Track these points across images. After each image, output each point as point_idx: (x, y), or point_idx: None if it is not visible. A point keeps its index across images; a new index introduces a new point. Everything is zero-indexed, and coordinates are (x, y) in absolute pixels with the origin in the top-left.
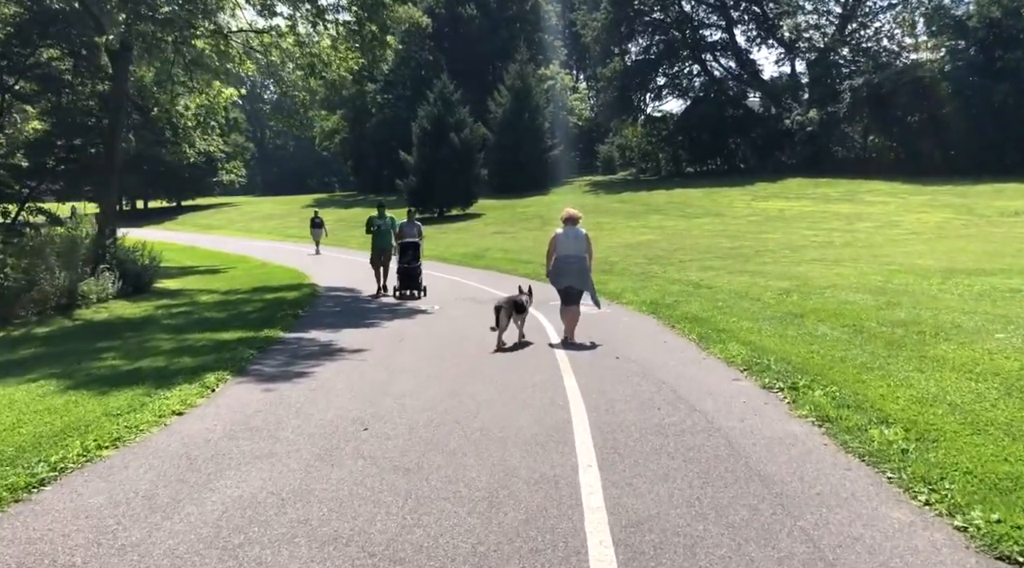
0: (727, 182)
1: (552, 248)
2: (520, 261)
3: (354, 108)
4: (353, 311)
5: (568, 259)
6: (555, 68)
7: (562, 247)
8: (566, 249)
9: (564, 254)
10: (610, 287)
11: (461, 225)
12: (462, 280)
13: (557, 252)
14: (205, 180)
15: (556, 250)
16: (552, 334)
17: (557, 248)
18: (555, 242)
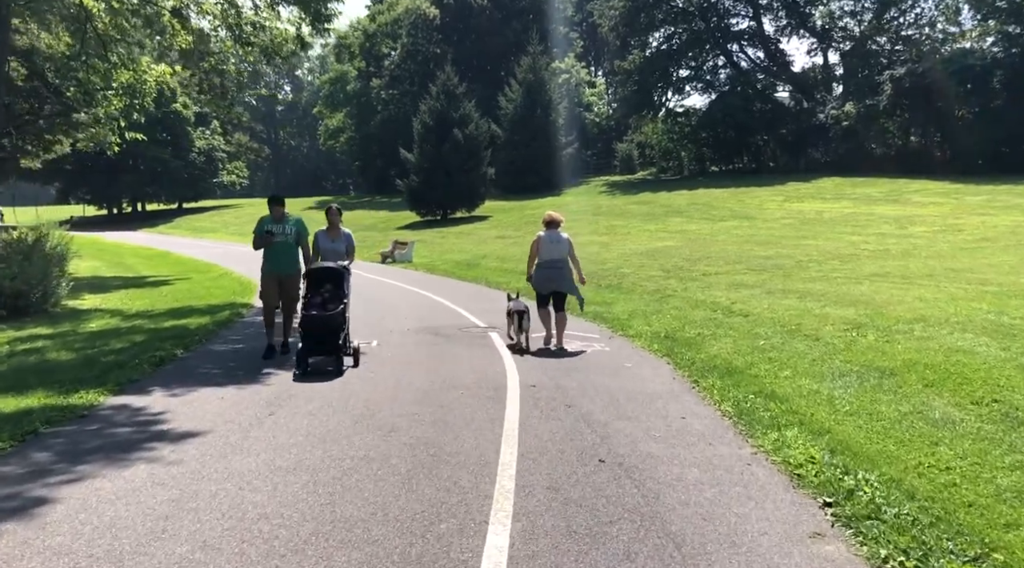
0: (755, 182)
1: (534, 252)
2: (516, 272)
3: (359, 105)
4: (255, 351)
5: (552, 263)
6: (570, 61)
7: (545, 251)
8: (549, 253)
9: (547, 259)
10: (615, 310)
11: (463, 228)
12: (438, 298)
13: (540, 256)
14: (205, 181)
15: (539, 254)
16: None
17: (540, 252)
18: (537, 246)
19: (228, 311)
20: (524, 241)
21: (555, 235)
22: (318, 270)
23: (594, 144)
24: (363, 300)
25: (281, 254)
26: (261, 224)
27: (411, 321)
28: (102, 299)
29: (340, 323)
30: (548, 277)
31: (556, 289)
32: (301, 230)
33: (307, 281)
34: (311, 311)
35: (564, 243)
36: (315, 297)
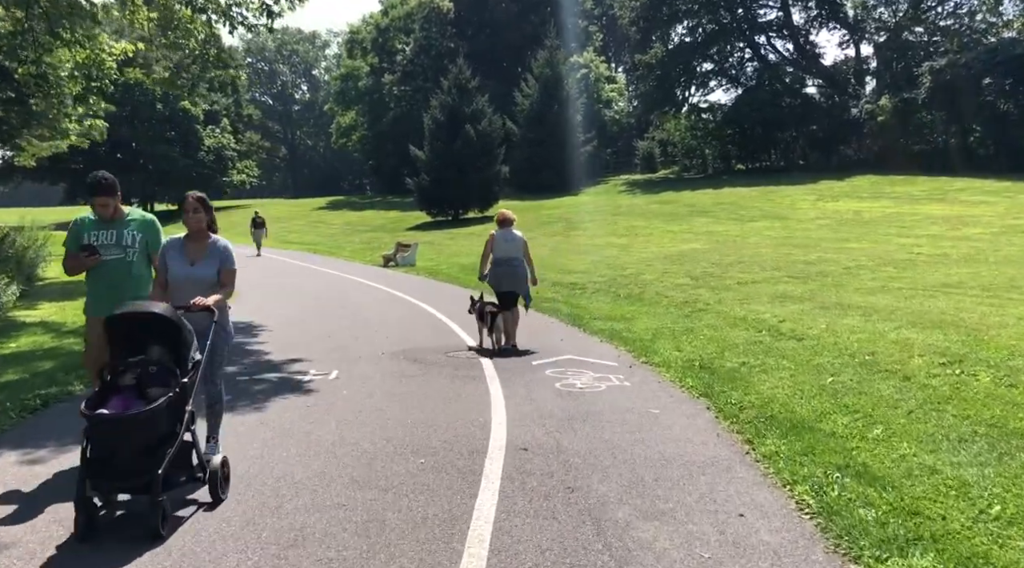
0: (785, 180)
1: (488, 250)
2: None
3: (371, 102)
4: None
5: (506, 261)
6: (589, 56)
7: (498, 249)
8: (502, 252)
9: (501, 257)
10: (637, 327)
11: (475, 229)
12: (431, 310)
13: (494, 255)
14: (215, 180)
15: (492, 252)
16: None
17: (494, 251)
18: (491, 244)
19: None
20: (536, 244)
21: (508, 233)
22: (128, 318)
23: (613, 142)
24: (342, 314)
25: (115, 282)
26: (76, 231)
27: (390, 342)
28: (57, 308)
29: (164, 433)
30: (502, 275)
31: (510, 288)
32: (151, 238)
33: (109, 338)
34: (101, 408)
35: (518, 241)
36: (123, 375)
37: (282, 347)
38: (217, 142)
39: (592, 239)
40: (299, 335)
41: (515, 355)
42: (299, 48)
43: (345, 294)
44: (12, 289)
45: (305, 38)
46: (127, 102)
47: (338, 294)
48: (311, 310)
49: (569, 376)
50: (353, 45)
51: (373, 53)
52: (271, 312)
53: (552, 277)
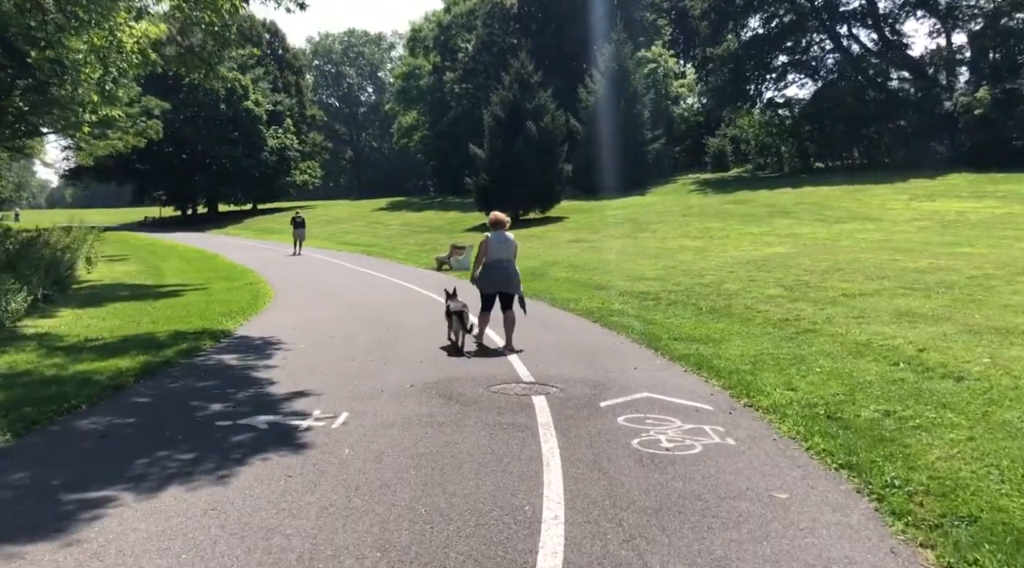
0: (870, 178)
1: (482, 253)
2: (590, 286)
3: (432, 101)
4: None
5: (499, 264)
6: (658, 50)
7: (493, 251)
8: (496, 253)
9: (495, 259)
10: (729, 352)
11: (535, 231)
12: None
13: (488, 257)
14: (277, 181)
15: (487, 255)
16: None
17: (488, 253)
18: (485, 247)
19: (185, 344)
20: (601, 246)
21: (502, 236)
22: None
23: (682, 139)
24: (378, 328)
25: None
26: None
27: (425, 368)
28: (73, 317)
29: None
30: (496, 278)
31: (501, 289)
32: None
33: None
34: None
35: (511, 244)
36: None
37: (293, 373)
38: (280, 142)
39: (663, 242)
40: (319, 356)
41: (569, 395)
42: (365, 50)
43: (388, 302)
44: (21, 297)
45: (371, 40)
46: (191, 102)
47: (380, 302)
48: (344, 322)
49: (650, 427)
50: (415, 43)
51: (435, 51)
52: (299, 324)
53: (619, 285)
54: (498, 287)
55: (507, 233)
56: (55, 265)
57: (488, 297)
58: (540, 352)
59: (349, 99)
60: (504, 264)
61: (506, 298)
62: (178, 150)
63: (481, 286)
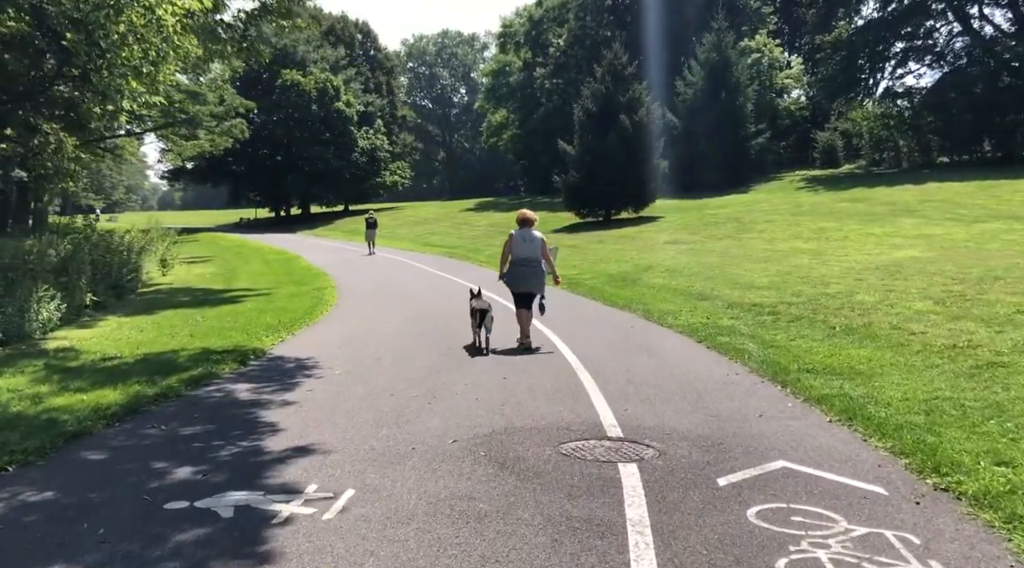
0: (1007, 173)
1: (507, 251)
2: (690, 294)
3: (522, 97)
4: (26, 532)
5: (524, 262)
6: (762, 39)
7: (517, 249)
8: (521, 252)
9: (520, 257)
10: (888, 394)
11: (627, 232)
12: (559, 343)
13: (512, 255)
14: (367, 182)
15: (511, 253)
16: None
17: (512, 251)
18: (510, 245)
19: (202, 369)
20: (702, 248)
21: (528, 233)
22: None
23: (787, 134)
24: (433, 349)
25: None
26: None
27: (479, 406)
28: (113, 327)
29: None
30: (520, 275)
31: (528, 289)
32: None
33: None
34: None
35: (536, 242)
36: None
37: (308, 416)
38: (370, 143)
39: (772, 243)
40: (352, 388)
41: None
42: (458, 51)
43: (457, 312)
44: (54, 305)
45: (464, 40)
46: (284, 104)
47: (449, 311)
48: (400, 338)
49: (800, 532)
50: (506, 39)
51: (526, 47)
52: (349, 338)
53: (726, 294)
54: (525, 285)
55: (534, 231)
56: (113, 269)
57: (518, 296)
58: (632, 385)
59: (442, 100)
60: (530, 262)
61: (530, 297)
62: (271, 152)
63: (508, 284)
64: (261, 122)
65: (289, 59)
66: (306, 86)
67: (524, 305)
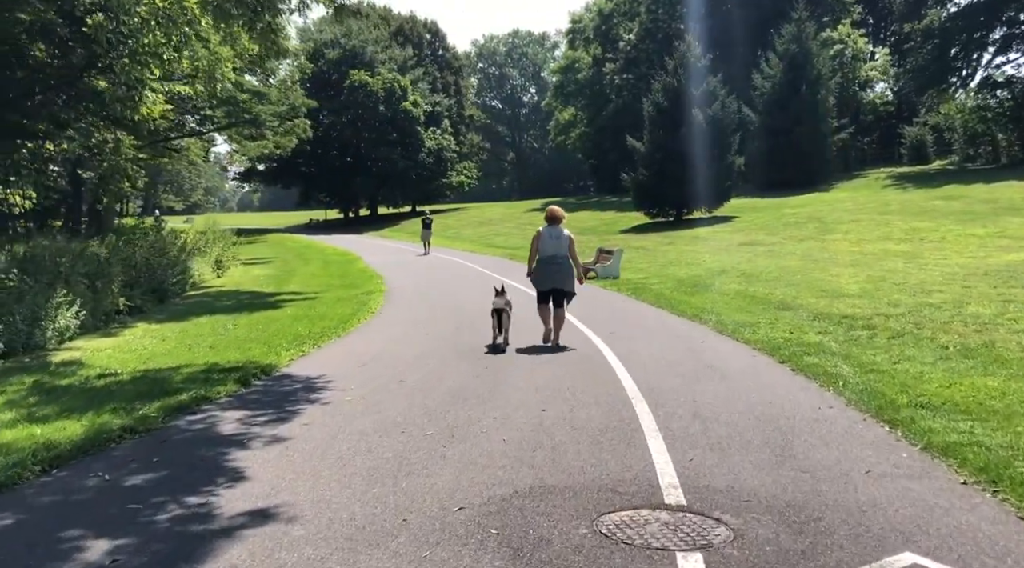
0: None
1: (535, 249)
2: (769, 303)
3: (591, 94)
4: None
5: (552, 260)
6: (845, 29)
7: (544, 247)
8: (548, 249)
9: (547, 255)
10: None
11: (699, 232)
12: (615, 366)
13: (540, 253)
14: (434, 182)
15: (539, 251)
16: None
17: (540, 248)
18: (537, 242)
19: (192, 392)
20: (780, 250)
21: (556, 231)
22: None
23: (870, 129)
24: (474, 361)
25: None
26: None
27: (505, 451)
28: (138, 335)
29: None
30: (548, 273)
31: (555, 286)
32: None
33: None
34: None
35: (564, 239)
36: None
37: (288, 464)
38: (437, 144)
39: (859, 245)
40: (357, 422)
41: None
42: (528, 50)
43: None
44: (72, 312)
45: (535, 40)
46: (352, 104)
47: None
48: (434, 356)
49: None
50: (575, 35)
51: (596, 42)
52: (377, 353)
53: (811, 303)
54: (551, 283)
55: (561, 228)
56: (158, 272)
57: (542, 293)
58: (699, 422)
59: (512, 100)
60: (556, 260)
61: (559, 295)
62: (340, 153)
63: (535, 282)
64: (329, 123)
65: (358, 60)
66: (374, 86)
67: (547, 302)
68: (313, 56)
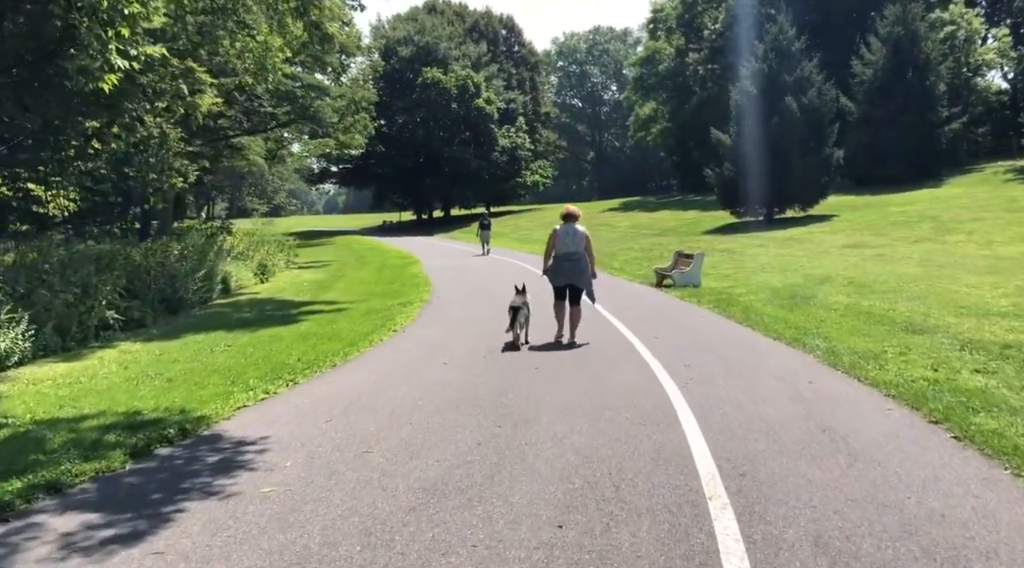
0: None
1: (551, 246)
2: (893, 322)
3: (673, 86)
4: None
5: (567, 257)
6: (957, 9)
7: (560, 245)
8: (565, 247)
9: (563, 252)
10: None
11: (793, 233)
12: (689, 416)
13: (556, 250)
14: (508, 182)
15: (555, 248)
16: None
17: (556, 246)
18: (553, 240)
19: (46, 472)
20: (894, 254)
21: (571, 228)
22: None
23: (986, 119)
24: (476, 418)
25: None
26: None
27: None
28: (112, 357)
29: None
30: (562, 270)
31: (570, 283)
32: None
33: None
34: None
35: (580, 237)
36: None
37: None
38: (511, 142)
39: (989, 247)
40: (241, 554)
41: None
42: (610, 47)
43: (538, 358)
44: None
45: (616, 36)
46: (423, 103)
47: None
48: (431, 405)
49: None
50: (656, 24)
51: (679, 32)
52: (356, 398)
53: (951, 324)
54: (565, 279)
55: (577, 226)
56: (179, 279)
57: (558, 289)
58: (823, 558)
59: (592, 99)
60: (571, 257)
61: (575, 292)
62: (413, 153)
63: (550, 279)
64: (402, 122)
65: (431, 57)
66: (446, 83)
67: (563, 298)
68: (386, 54)
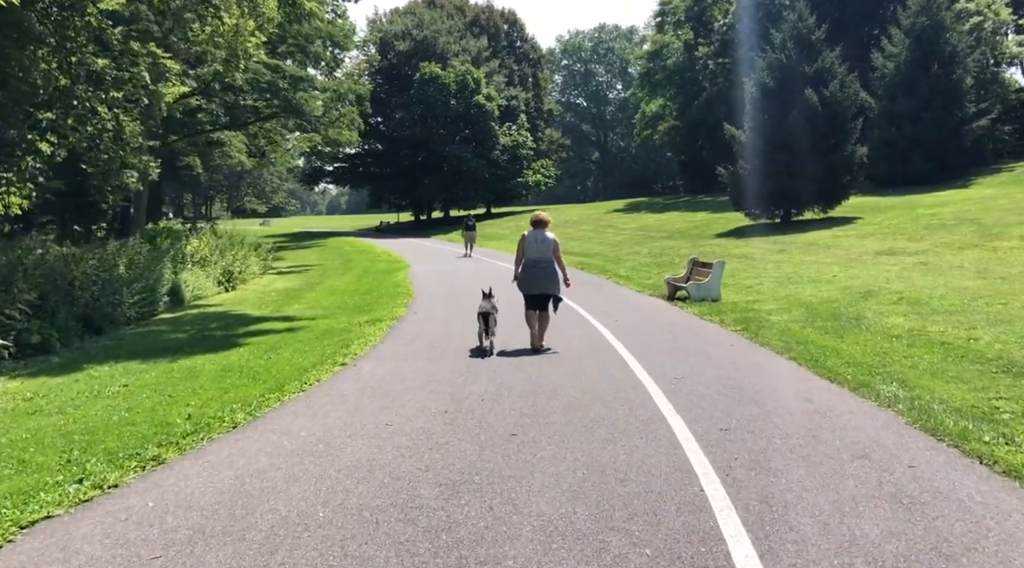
0: None
1: (521, 253)
2: (984, 356)
3: (681, 82)
4: None
5: (536, 263)
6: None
7: (530, 251)
8: (533, 253)
9: (532, 258)
10: None
11: (816, 237)
12: (735, 521)
13: (525, 256)
14: (509, 182)
15: (524, 254)
16: None
17: (525, 252)
18: (523, 246)
19: None
20: (939, 262)
21: (540, 235)
22: None
23: (1011, 115)
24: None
25: None
26: None
27: None
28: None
29: None
30: (532, 277)
31: (541, 291)
32: None
33: None
34: None
35: (549, 243)
36: None
37: None
38: (512, 140)
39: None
40: None
41: None
42: (615, 45)
43: (553, 391)
44: None
45: (622, 35)
46: (421, 99)
47: (539, 389)
48: (368, 486)
49: None
50: (663, 17)
51: (687, 26)
52: (225, 505)
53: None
54: (536, 288)
55: (546, 232)
56: (105, 290)
57: (528, 298)
58: None
59: (597, 98)
60: (540, 263)
61: (545, 299)
62: (411, 151)
63: (520, 287)
64: (400, 119)
65: (429, 51)
66: (445, 79)
67: (534, 307)
68: (382, 48)
